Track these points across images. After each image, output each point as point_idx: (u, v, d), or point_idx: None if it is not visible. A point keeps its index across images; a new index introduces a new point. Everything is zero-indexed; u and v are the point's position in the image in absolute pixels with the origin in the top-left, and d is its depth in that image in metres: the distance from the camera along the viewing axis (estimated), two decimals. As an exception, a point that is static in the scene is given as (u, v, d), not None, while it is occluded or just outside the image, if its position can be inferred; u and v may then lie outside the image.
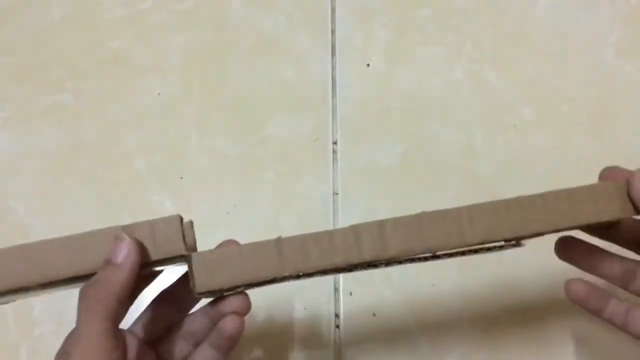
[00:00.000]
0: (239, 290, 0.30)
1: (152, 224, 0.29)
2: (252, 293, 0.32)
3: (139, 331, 0.33)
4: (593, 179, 0.49)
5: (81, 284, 0.29)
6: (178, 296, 0.33)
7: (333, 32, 0.56)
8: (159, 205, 0.49)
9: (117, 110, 0.53)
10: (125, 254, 0.28)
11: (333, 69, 0.54)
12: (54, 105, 0.54)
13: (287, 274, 0.29)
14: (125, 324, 0.33)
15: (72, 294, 0.46)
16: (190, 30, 0.56)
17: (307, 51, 0.55)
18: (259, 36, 0.56)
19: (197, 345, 0.33)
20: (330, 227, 0.48)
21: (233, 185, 0.50)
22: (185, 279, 0.33)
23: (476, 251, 0.31)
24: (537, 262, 0.46)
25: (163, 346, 0.33)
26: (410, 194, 0.49)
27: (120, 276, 0.27)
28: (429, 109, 0.53)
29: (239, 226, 0.48)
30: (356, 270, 0.30)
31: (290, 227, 0.47)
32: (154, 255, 0.29)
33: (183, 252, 0.29)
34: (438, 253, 0.30)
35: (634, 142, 0.50)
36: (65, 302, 0.46)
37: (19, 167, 0.51)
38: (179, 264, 0.31)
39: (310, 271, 0.29)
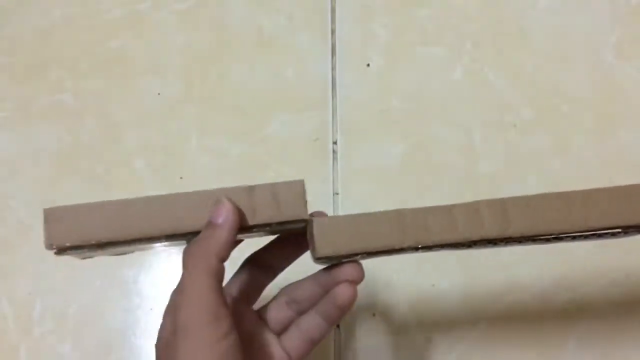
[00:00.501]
0: (356, 258, 0.30)
1: (274, 187, 0.30)
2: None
3: (234, 291, 0.34)
4: (593, 179, 0.50)
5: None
6: (265, 261, 0.34)
7: (333, 32, 0.56)
8: (159, 205, 0.49)
9: (117, 110, 0.53)
10: (224, 216, 0.29)
11: (333, 69, 0.54)
12: (54, 105, 0.54)
13: (406, 245, 0.30)
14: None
15: (71, 295, 0.46)
16: (190, 30, 0.56)
17: (307, 51, 0.55)
18: (259, 36, 0.56)
19: (300, 313, 0.33)
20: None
21: (233, 185, 0.50)
22: (271, 246, 0.34)
23: (600, 235, 0.31)
24: (535, 262, 0.46)
25: (265, 309, 0.33)
26: (410, 194, 0.49)
27: (219, 236, 0.28)
28: (429, 109, 0.53)
29: (239, 226, 0.48)
30: (474, 247, 0.30)
31: (290, 227, 0.47)
32: (276, 218, 0.30)
33: (305, 216, 0.30)
34: (561, 235, 0.30)
35: (634, 142, 0.50)
36: (65, 303, 0.46)
37: (19, 167, 0.51)
38: (296, 227, 0.31)
39: (430, 244, 0.30)
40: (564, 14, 0.56)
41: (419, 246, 0.30)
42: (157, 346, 0.30)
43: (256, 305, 0.35)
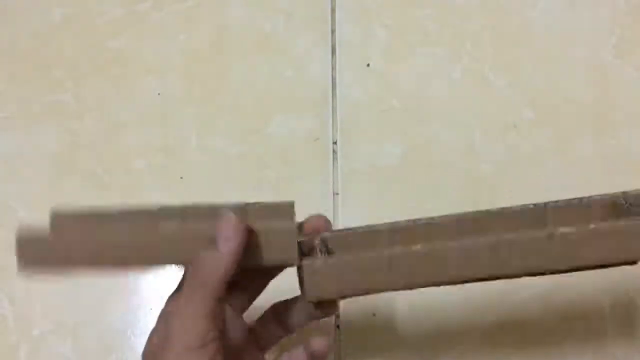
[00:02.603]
0: (347, 299, 0.31)
1: (267, 229, 0.30)
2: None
3: (255, 326, 0.34)
4: (593, 179, 0.50)
5: None
6: (284, 319, 0.34)
7: (333, 32, 0.56)
8: (159, 205, 0.49)
9: (117, 110, 0.53)
10: (231, 237, 0.28)
11: (333, 69, 0.54)
12: (54, 105, 0.54)
13: (395, 288, 0.30)
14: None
15: (71, 295, 0.46)
16: (190, 30, 0.56)
17: (307, 51, 0.55)
18: (259, 36, 0.56)
19: (287, 330, 0.34)
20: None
21: (233, 185, 0.50)
22: (292, 302, 0.34)
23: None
24: (537, 262, 0.46)
25: (254, 324, 0.34)
26: (410, 194, 0.49)
27: (224, 261, 0.28)
28: (429, 109, 0.53)
29: (239, 226, 0.48)
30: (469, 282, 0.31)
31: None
32: (267, 262, 0.30)
33: (296, 263, 0.30)
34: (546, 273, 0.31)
35: (634, 142, 0.50)
36: (65, 302, 0.46)
37: (19, 167, 0.51)
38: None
39: (419, 287, 0.30)
40: (564, 14, 0.56)
41: (410, 288, 0.31)
42: (144, 354, 0.30)
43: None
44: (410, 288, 0.30)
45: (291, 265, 0.30)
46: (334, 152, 0.51)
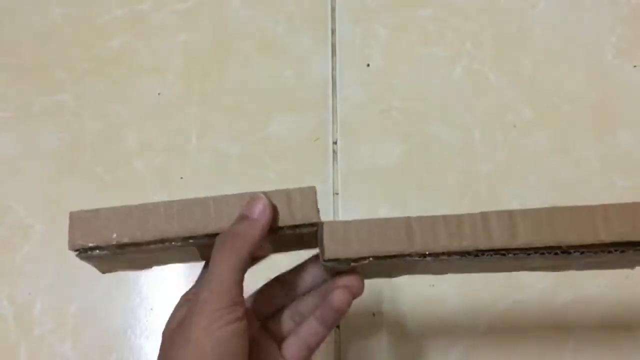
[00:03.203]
0: (364, 262, 0.31)
1: (288, 193, 0.31)
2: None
3: (249, 304, 0.35)
4: (593, 179, 0.50)
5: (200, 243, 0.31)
6: (290, 282, 0.35)
7: (333, 32, 0.56)
8: (159, 205, 0.49)
9: (117, 110, 0.53)
10: (261, 210, 0.29)
11: (333, 69, 0.54)
12: (54, 105, 0.54)
13: (413, 251, 0.30)
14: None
15: (71, 295, 0.46)
16: (190, 30, 0.56)
17: (307, 51, 0.55)
18: (259, 36, 0.56)
19: (301, 323, 0.34)
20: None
21: (233, 185, 0.50)
22: (299, 269, 0.35)
23: (609, 252, 0.30)
24: (537, 262, 0.46)
25: (272, 321, 0.34)
26: (410, 194, 0.49)
27: (255, 231, 0.29)
28: (429, 109, 0.53)
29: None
30: (482, 257, 0.31)
31: (290, 227, 0.47)
32: (289, 221, 0.31)
33: (317, 219, 0.31)
34: (570, 249, 0.30)
35: (633, 142, 0.51)
36: (65, 303, 0.46)
37: (19, 167, 0.51)
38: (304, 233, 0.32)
39: (437, 252, 0.30)
40: (564, 14, 0.56)
41: (427, 253, 0.30)
42: (164, 333, 0.30)
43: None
44: (426, 254, 0.30)
45: (312, 226, 0.31)
46: (334, 152, 0.51)
